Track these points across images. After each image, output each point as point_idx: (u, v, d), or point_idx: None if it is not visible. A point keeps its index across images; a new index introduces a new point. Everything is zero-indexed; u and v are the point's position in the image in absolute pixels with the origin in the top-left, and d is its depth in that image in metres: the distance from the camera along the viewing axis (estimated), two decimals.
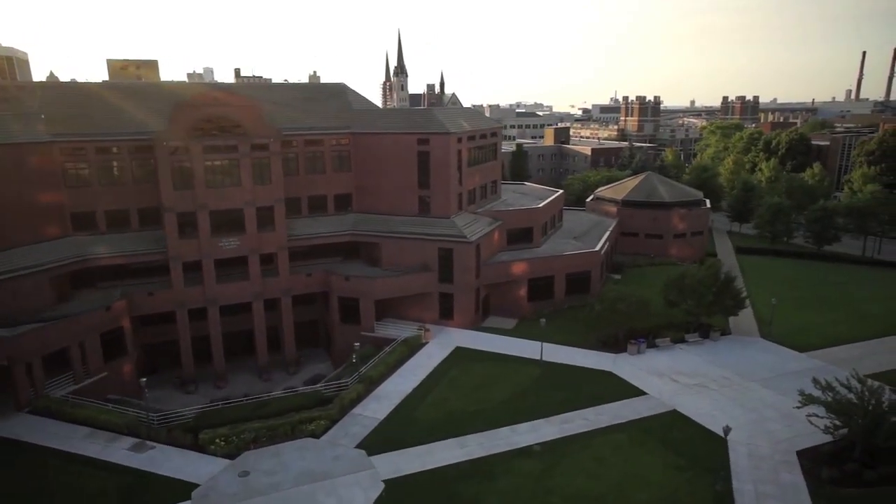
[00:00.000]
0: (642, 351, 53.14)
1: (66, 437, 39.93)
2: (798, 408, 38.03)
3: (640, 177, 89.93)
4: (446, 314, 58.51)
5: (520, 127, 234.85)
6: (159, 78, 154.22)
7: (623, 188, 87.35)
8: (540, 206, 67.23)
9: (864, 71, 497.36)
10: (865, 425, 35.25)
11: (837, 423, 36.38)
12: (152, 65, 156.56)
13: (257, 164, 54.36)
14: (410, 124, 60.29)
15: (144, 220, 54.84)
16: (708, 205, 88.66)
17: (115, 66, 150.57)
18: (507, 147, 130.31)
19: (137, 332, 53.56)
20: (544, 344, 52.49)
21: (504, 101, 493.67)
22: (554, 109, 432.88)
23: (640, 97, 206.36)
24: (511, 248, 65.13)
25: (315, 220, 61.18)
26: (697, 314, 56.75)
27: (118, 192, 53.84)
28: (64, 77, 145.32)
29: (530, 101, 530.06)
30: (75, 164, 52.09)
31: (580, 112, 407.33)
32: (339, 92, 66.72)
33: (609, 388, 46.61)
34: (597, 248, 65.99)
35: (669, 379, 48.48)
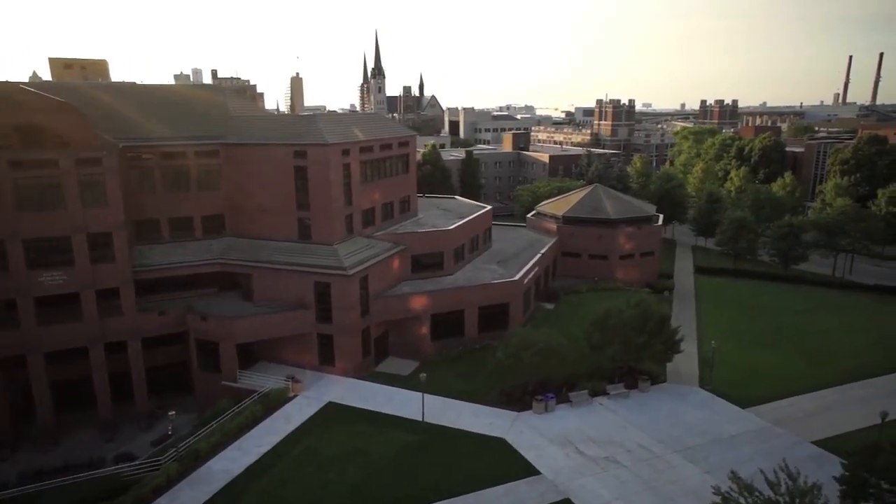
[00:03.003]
0: (550, 409, 44.00)
1: None
2: None
3: (587, 189, 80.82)
4: (327, 359, 49.23)
5: (495, 130, 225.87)
6: (109, 78, 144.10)
7: (566, 202, 78.23)
8: (452, 227, 57.90)
9: (853, 75, 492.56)
10: None
11: None
12: (100, 64, 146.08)
13: (88, 182, 44.97)
14: (286, 134, 50.93)
15: None
16: (661, 221, 79.86)
17: (59, 66, 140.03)
18: (458, 154, 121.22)
19: None
20: (435, 398, 43.81)
21: (495, 104, 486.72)
22: (544, 112, 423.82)
23: (613, 100, 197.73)
24: (418, 277, 55.91)
25: (178, 247, 51.86)
26: (625, 360, 47.87)
27: None
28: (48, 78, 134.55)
29: (521, 104, 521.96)
30: None
31: (563, 115, 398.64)
32: (216, 95, 57.43)
33: (494, 464, 37.49)
34: (517, 277, 56.85)
35: (574, 449, 39.42)
